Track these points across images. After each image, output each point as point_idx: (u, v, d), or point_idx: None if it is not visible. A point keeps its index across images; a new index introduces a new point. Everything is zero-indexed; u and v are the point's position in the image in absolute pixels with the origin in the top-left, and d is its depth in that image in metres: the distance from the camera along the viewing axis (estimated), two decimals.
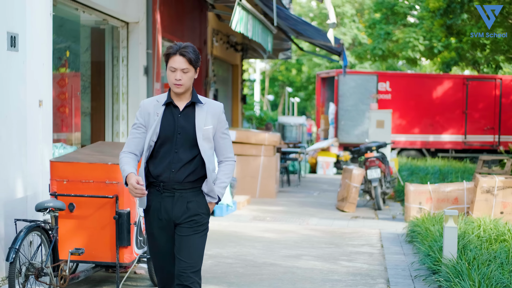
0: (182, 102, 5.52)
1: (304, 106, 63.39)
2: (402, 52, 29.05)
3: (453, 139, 27.05)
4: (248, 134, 17.16)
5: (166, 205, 5.45)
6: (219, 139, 5.60)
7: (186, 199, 5.46)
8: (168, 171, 5.42)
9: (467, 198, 12.59)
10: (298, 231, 12.49)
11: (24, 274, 6.90)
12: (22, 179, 8.30)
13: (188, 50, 5.42)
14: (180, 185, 5.43)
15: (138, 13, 13.64)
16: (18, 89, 8.26)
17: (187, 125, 5.45)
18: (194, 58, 5.45)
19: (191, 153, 5.44)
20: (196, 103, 5.51)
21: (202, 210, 5.51)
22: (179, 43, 5.47)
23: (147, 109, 5.51)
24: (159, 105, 5.49)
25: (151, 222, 5.54)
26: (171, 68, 5.41)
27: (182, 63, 5.40)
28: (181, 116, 5.47)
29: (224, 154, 5.65)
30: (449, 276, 7.63)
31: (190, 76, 5.47)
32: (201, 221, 5.51)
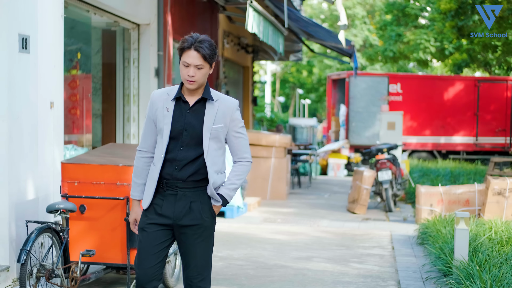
0: (193, 97, 5.22)
1: (315, 108, 63.38)
2: (413, 53, 28.98)
3: (465, 141, 26.99)
4: (258, 135, 17.16)
5: (168, 203, 5.20)
6: (233, 138, 5.29)
7: (190, 199, 5.19)
8: (171, 169, 5.17)
9: (478, 200, 12.56)
10: (308, 233, 12.48)
11: (35, 276, 6.91)
12: (33, 181, 8.31)
13: (204, 46, 5.06)
14: (183, 184, 5.17)
15: (149, 15, 13.66)
16: (29, 90, 8.28)
17: (195, 122, 5.17)
18: (209, 53, 5.09)
19: (196, 152, 5.16)
20: (208, 100, 5.21)
21: (206, 213, 5.23)
22: (195, 35, 5.12)
23: (156, 103, 5.26)
24: (169, 100, 5.22)
25: (146, 218, 5.25)
26: (184, 63, 5.09)
27: (196, 58, 5.06)
28: (189, 112, 5.18)
29: (239, 154, 5.33)
30: (460, 278, 7.61)
31: (205, 72, 5.14)
32: (206, 226, 5.24)
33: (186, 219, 5.18)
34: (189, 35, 5.12)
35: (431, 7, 28.54)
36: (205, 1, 17.24)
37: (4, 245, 7.86)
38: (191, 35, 5.11)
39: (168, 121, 5.16)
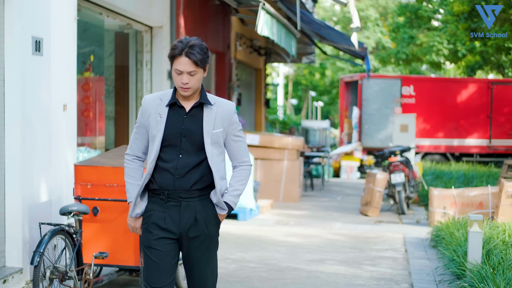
0: (189, 102, 4.99)
1: (328, 110, 63.34)
2: (426, 56, 28.94)
3: (478, 143, 26.91)
4: (271, 138, 17.15)
5: (172, 215, 4.96)
6: (232, 142, 5.09)
7: (194, 209, 4.97)
8: (172, 178, 4.92)
9: (492, 202, 12.51)
10: (321, 236, 12.46)
11: (49, 278, 6.93)
12: (46, 183, 8.33)
13: (195, 51, 4.82)
14: (187, 193, 4.94)
15: (162, 18, 13.68)
16: (42, 93, 8.30)
17: (194, 128, 4.94)
18: (201, 58, 4.85)
19: (197, 157, 4.94)
20: (205, 104, 4.99)
21: (212, 223, 5.06)
22: (184, 40, 4.88)
23: (148, 109, 5.02)
24: (162, 105, 4.99)
25: (151, 234, 5.00)
26: (176, 71, 4.86)
27: (188, 65, 4.83)
28: (187, 117, 4.96)
29: (238, 158, 5.14)
30: (474, 281, 7.58)
31: (198, 78, 4.90)
32: (212, 236, 5.08)
33: (192, 231, 4.98)
34: (178, 41, 4.90)
35: (444, 9, 28.50)
36: (217, 4, 17.26)
37: (17, 247, 7.88)
38: (180, 40, 4.89)
39: (161, 128, 4.94)
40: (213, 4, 17.21)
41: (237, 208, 13.84)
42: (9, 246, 7.90)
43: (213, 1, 17.03)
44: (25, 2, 7.93)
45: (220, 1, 16.96)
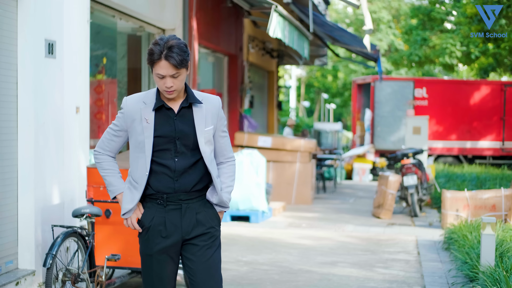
0: (176, 102, 4.78)
1: (340, 112, 63.26)
2: (439, 58, 28.87)
3: (491, 145, 26.82)
4: (283, 140, 17.15)
5: (172, 219, 4.77)
6: (219, 138, 4.92)
7: (195, 210, 4.80)
8: (170, 181, 4.73)
9: (505, 205, 12.47)
10: (334, 238, 12.45)
11: (61, 280, 6.94)
12: (59, 185, 8.36)
13: (174, 53, 4.58)
14: (187, 195, 4.77)
15: (175, 20, 13.70)
16: (55, 95, 8.32)
17: (186, 129, 4.75)
18: (181, 59, 4.60)
19: (193, 158, 4.77)
20: (194, 103, 4.79)
21: (213, 222, 4.88)
22: (161, 41, 4.62)
23: (132, 114, 4.77)
24: (147, 109, 4.74)
25: (151, 242, 4.80)
26: (158, 75, 4.64)
27: (169, 68, 4.60)
28: (177, 119, 4.75)
29: (226, 154, 4.99)
30: (487, 283, 7.55)
31: (182, 78, 4.67)
32: (215, 234, 4.89)
33: (194, 232, 4.80)
34: (153, 43, 4.64)
35: (457, 11, 28.42)
36: (230, 6, 17.27)
37: (30, 250, 7.91)
38: (156, 43, 4.63)
39: (149, 134, 4.71)
40: (225, 6, 17.22)
41: (249, 210, 13.85)
42: (21, 248, 7.92)
43: (226, 3, 17.05)
44: (38, 5, 7.96)
45: (233, 3, 16.98)
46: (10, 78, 7.77)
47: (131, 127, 4.78)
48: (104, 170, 4.90)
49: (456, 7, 28.55)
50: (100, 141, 4.92)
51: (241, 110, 19.77)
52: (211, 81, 18.77)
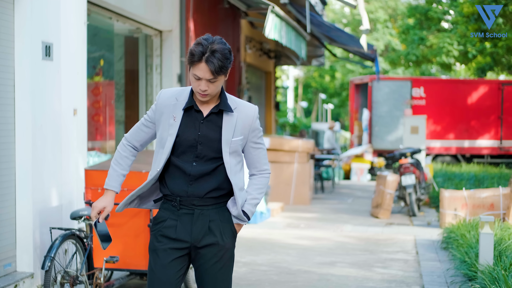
0: (208, 105, 4.57)
1: (338, 112, 63.26)
2: (436, 57, 28.88)
3: (489, 144, 26.84)
4: (281, 141, 17.16)
5: (184, 223, 4.59)
6: (251, 149, 4.69)
7: (208, 218, 4.59)
8: (185, 185, 4.55)
9: (503, 204, 12.48)
10: (332, 238, 12.45)
11: (60, 282, 6.94)
12: (57, 188, 8.36)
13: (215, 58, 4.35)
14: (201, 201, 4.57)
15: (172, 22, 13.70)
16: (53, 98, 8.32)
17: (212, 135, 4.55)
18: (222, 66, 4.38)
19: (213, 164, 4.56)
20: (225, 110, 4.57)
21: (227, 233, 4.65)
22: (205, 42, 4.39)
23: (163, 107, 4.61)
24: (177, 106, 4.58)
25: (160, 243, 4.63)
26: (194, 76, 4.42)
27: (207, 72, 4.38)
28: (204, 123, 4.55)
29: (258, 166, 4.76)
30: (485, 282, 7.56)
31: (218, 84, 4.46)
32: (227, 248, 4.65)
33: (205, 240, 4.59)
34: (197, 43, 4.42)
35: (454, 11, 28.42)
36: (227, 7, 17.27)
37: (28, 252, 7.91)
38: (200, 43, 4.40)
39: (173, 132, 4.55)
40: (222, 7, 17.23)
41: None
42: (20, 251, 7.92)
43: (223, 4, 17.05)
44: (35, 7, 7.96)
45: (230, 4, 16.98)
46: (8, 81, 7.77)
47: (159, 121, 4.63)
48: (114, 160, 4.78)
49: (453, 6, 28.55)
50: (132, 129, 4.81)
51: None
52: None
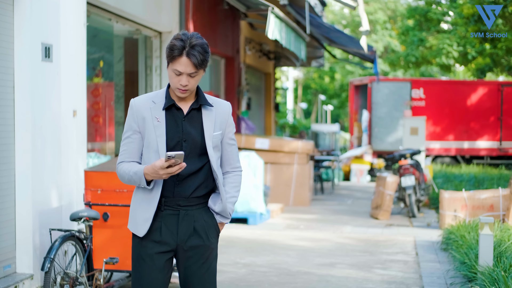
0: (186, 103, 4.58)
1: (337, 113, 63.27)
2: (436, 58, 28.89)
3: (488, 145, 26.84)
4: (281, 142, 17.16)
5: (168, 225, 4.54)
6: (227, 145, 4.70)
7: (193, 218, 4.56)
8: (171, 184, 4.52)
9: (502, 205, 12.47)
10: (332, 239, 12.45)
11: (59, 284, 6.94)
12: (56, 189, 8.36)
13: (196, 51, 4.39)
14: (186, 201, 4.54)
15: (171, 23, 13.70)
16: (52, 99, 8.32)
17: (194, 132, 4.54)
18: (203, 59, 4.43)
19: (199, 162, 4.55)
20: (203, 105, 4.59)
21: (212, 233, 4.65)
22: (184, 37, 4.42)
23: (141, 112, 4.55)
24: (157, 108, 4.54)
25: (145, 246, 4.56)
26: (175, 71, 4.43)
27: (189, 66, 4.40)
28: (185, 120, 4.55)
29: (232, 163, 4.76)
30: (485, 284, 7.55)
31: (198, 79, 4.50)
32: (213, 247, 4.65)
33: (190, 242, 4.57)
34: (176, 38, 4.44)
35: (454, 12, 28.42)
36: (226, 8, 17.28)
37: (28, 253, 7.90)
38: (179, 38, 4.42)
39: (161, 133, 4.51)
40: (222, 8, 17.23)
41: (247, 212, 13.85)
42: (19, 252, 7.92)
43: (222, 5, 17.05)
44: (35, 9, 7.96)
45: (229, 5, 16.98)
46: (7, 82, 7.77)
47: (143, 127, 4.55)
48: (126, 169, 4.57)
49: (452, 7, 28.55)
50: (122, 152, 4.63)
51: (239, 112, 19.78)
52: (208, 83, 18.76)
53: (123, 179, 4.61)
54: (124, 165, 4.59)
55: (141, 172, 4.46)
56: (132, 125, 4.59)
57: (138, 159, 4.63)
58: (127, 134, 4.61)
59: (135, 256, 4.61)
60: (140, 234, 4.56)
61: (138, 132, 4.58)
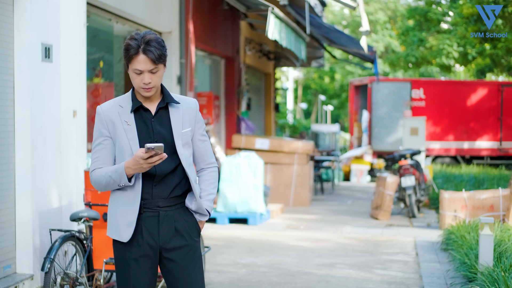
0: (153, 103, 4.55)
1: (337, 114, 63.27)
2: (436, 59, 28.88)
3: (488, 146, 26.83)
4: (281, 142, 17.16)
5: (149, 227, 4.48)
6: (198, 142, 4.66)
7: (173, 219, 4.52)
8: (148, 186, 4.47)
9: (502, 205, 12.47)
10: (332, 240, 12.45)
11: (59, 284, 6.94)
12: (56, 189, 8.35)
13: (152, 47, 4.38)
14: (166, 202, 4.49)
15: (171, 23, 13.70)
16: (52, 99, 8.32)
17: (164, 131, 4.51)
18: (160, 54, 4.41)
19: (173, 162, 4.49)
20: (170, 103, 4.56)
21: (194, 232, 4.60)
22: (137, 36, 4.41)
23: (111, 117, 4.50)
24: (125, 111, 4.50)
25: (127, 251, 4.50)
26: (135, 71, 4.40)
27: (148, 63, 4.38)
28: (154, 120, 4.52)
29: (206, 160, 4.71)
30: (485, 284, 7.55)
31: (160, 74, 4.48)
32: (196, 246, 4.60)
33: (173, 242, 4.52)
34: (130, 38, 4.43)
35: (454, 12, 28.42)
36: (226, 9, 17.28)
37: (28, 254, 7.90)
38: (133, 37, 4.41)
39: (133, 136, 4.46)
40: (222, 9, 17.23)
41: (247, 212, 13.85)
42: (19, 253, 7.92)
43: (222, 6, 17.06)
44: (34, 9, 7.96)
45: (229, 6, 16.98)
46: (7, 83, 7.77)
47: (113, 132, 4.49)
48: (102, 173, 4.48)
49: (452, 7, 28.56)
50: (92, 164, 4.55)
51: (239, 113, 19.78)
52: (208, 83, 18.77)
53: (100, 185, 4.51)
54: (98, 171, 4.50)
55: (122, 168, 4.38)
56: (102, 131, 4.53)
57: (111, 163, 4.55)
58: (98, 140, 4.54)
59: (119, 261, 4.56)
60: (124, 240, 4.48)
61: (109, 137, 4.52)
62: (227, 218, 13.91)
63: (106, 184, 4.48)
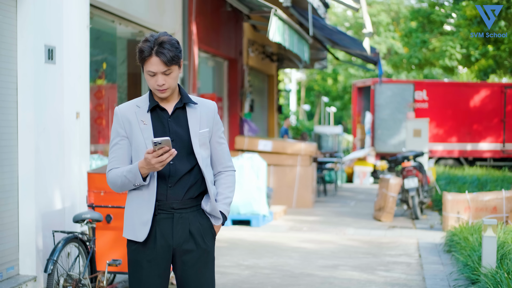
0: (170, 103, 4.55)
1: (340, 115, 63.29)
2: (439, 60, 28.88)
3: (491, 147, 26.81)
4: (284, 144, 17.16)
5: (163, 229, 4.47)
6: (216, 144, 4.64)
7: (188, 221, 4.49)
8: (163, 187, 4.46)
9: (506, 207, 12.46)
10: (335, 241, 12.44)
11: (62, 286, 6.94)
12: (60, 191, 8.36)
13: (165, 50, 4.37)
14: (180, 203, 4.46)
15: (174, 25, 13.70)
16: (55, 101, 8.32)
17: (180, 130, 4.50)
18: (173, 55, 4.39)
19: (189, 163, 4.48)
20: (188, 104, 4.56)
21: (208, 236, 4.58)
22: (151, 38, 4.42)
23: (127, 117, 4.52)
24: (142, 111, 4.51)
25: (140, 252, 4.50)
26: (149, 73, 4.41)
27: (161, 65, 4.37)
28: (171, 120, 4.52)
29: (224, 163, 4.69)
30: (488, 286, 7.55)
31: (175, 76, 4.45)
32: (209, 250, 4.58)
33: (186, 245, 4.49)
34: (144, 40, 4.44)
35: (457, 14, 28.43)
36: (229, 10, 17.29)
37: (31, 255, 7.90)
38: (146, 39, 4.42)
39: (148, 135, 4.46)
40: (225, 10, 17.24)
41: (250, 214, 13.85)
42: (22, 254, 7.92)
43: (225, 7, 17.07)
44: (38, 11, 7.96)
45: (232, 7, 16.99)
46: (10, 84, 7.77)
47: (130, 132, 4.51)
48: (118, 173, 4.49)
49: (455, 9, 28.56)
50: (109, 163, 4.56)
51: (241, 114, 19.78)
52: (211, 85, 18.78)
53: (115, 185, 4.52)
54: (114, 171, 4.51)
55: (136, 168, 4.37)
56: (119, 131, 4.55)
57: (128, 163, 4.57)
58: (115, 140, 4.56)
59: (132, 263, 4.55)
60: (140, 239, 4.47)
61: (126, 137, 4.54)
62: (230, 219, 13.92)
63: (122, 184, 4.48)
